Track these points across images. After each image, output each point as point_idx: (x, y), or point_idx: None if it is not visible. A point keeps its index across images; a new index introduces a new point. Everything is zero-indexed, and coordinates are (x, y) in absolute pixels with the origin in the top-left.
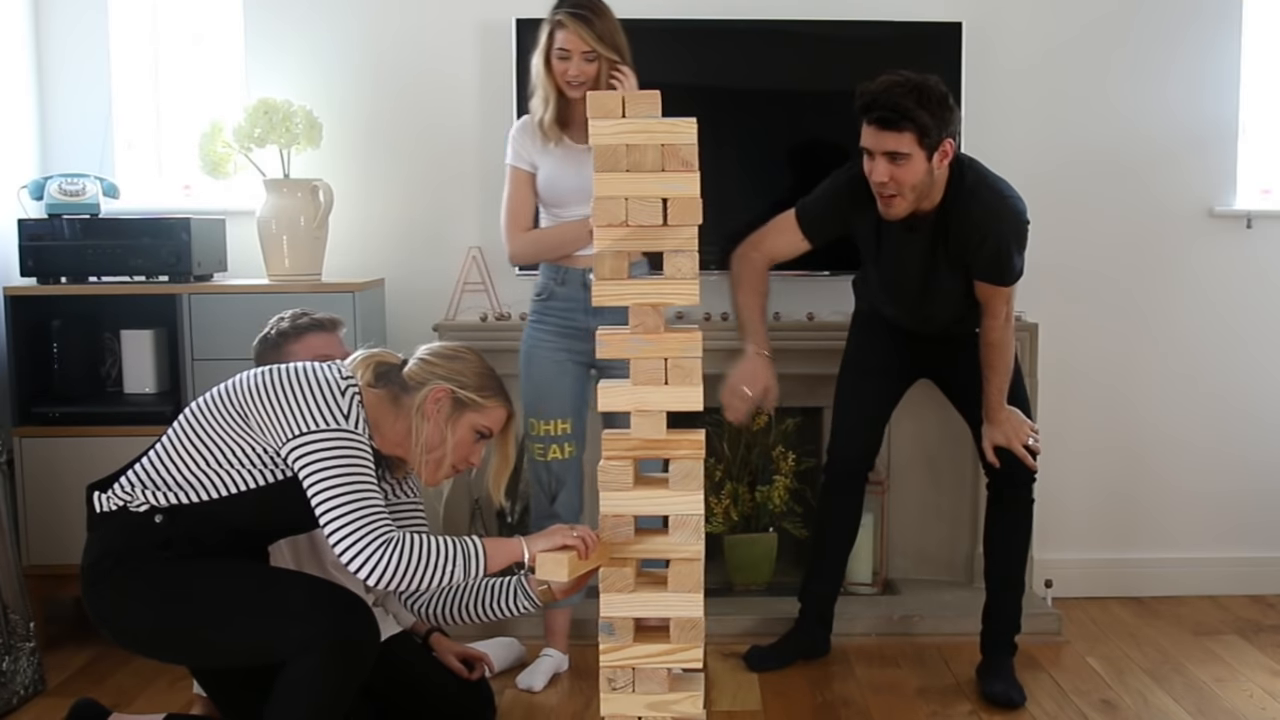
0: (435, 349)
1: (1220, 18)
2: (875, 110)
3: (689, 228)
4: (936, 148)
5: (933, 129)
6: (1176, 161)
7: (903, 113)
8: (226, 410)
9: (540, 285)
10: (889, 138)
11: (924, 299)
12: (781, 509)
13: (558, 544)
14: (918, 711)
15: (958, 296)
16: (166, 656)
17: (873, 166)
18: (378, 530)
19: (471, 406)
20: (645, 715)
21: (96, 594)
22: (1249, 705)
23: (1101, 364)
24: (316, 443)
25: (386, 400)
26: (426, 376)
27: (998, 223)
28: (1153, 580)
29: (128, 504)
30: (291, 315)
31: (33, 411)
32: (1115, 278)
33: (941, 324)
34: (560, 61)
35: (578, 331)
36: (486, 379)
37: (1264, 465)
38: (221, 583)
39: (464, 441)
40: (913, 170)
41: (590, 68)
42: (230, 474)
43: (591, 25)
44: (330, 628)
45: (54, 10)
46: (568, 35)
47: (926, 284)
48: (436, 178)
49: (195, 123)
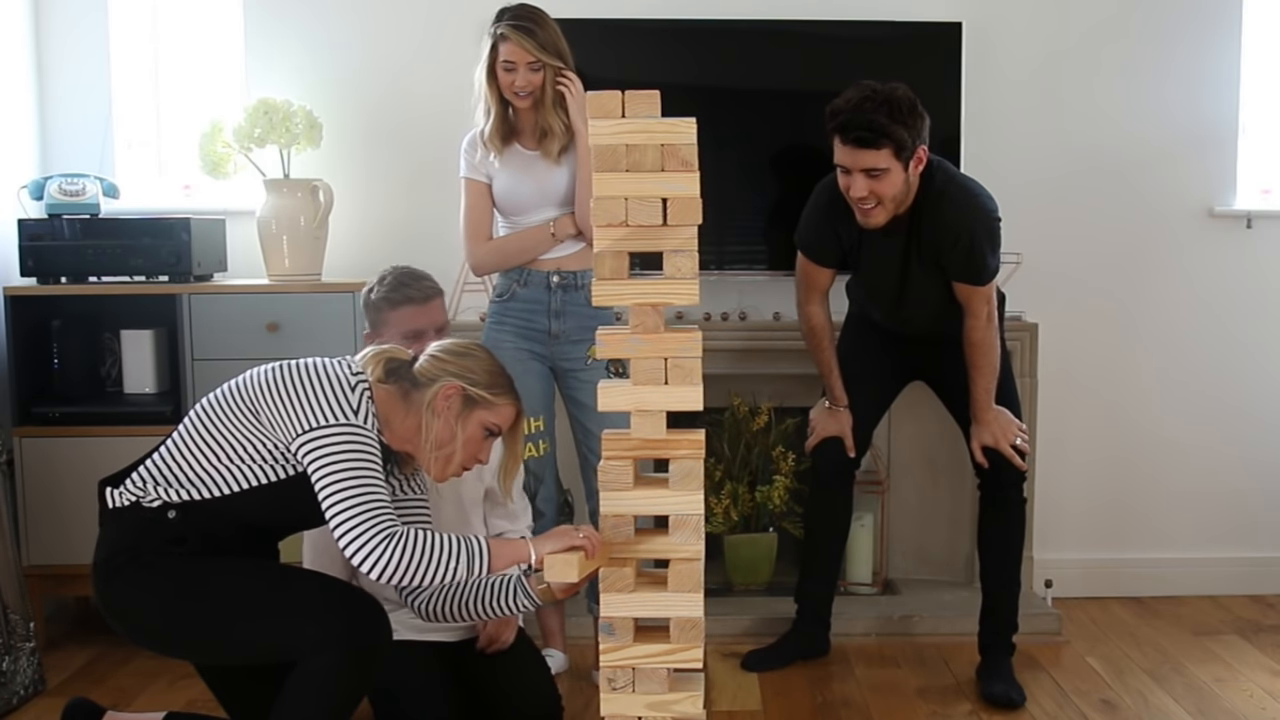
0: (446, 345)
1: (1220, 18)
2: (851, 130)
3: (689, 228)
4: (911, 157)
5: (908, 141)
6: (1176, 161)
7: (879, 130)
8: (238, 406)
9: (501, 287)
10: (866, 155)
11: (902, 300)
12: (781, 509)
13: (565, 545)
14: (918, 711)
15: (935, 296)
16: (179, 652)
17: (850, 182)
18: (382, 525)
19: (482, 404)
20: (645, 715)
21: (110, 589)
22: (1249, 705)
23: (1101, 364)
24: (325, 438)
25: (397, 396)
26: (437, 373)
27: (971, 222)
28: (1153, 580)
29: (140, 499)
30: (391, 282)
31: (33, 411)
32: (1115, 277)
33: (922, 325)
34: (506, 73)
35: (538, 334)
36: (497, 376)
37: (1264, 465)
38: (237, 580)
39: (474, 438)
40: (891, 183)
41: (536, 77)
42: (242, 470)
43: (535, 36)
44: (346, 628)
45: (54, 10)
46: (512, 47)
47: (904, 285)
48: (436, 178)
49: (195, 123)
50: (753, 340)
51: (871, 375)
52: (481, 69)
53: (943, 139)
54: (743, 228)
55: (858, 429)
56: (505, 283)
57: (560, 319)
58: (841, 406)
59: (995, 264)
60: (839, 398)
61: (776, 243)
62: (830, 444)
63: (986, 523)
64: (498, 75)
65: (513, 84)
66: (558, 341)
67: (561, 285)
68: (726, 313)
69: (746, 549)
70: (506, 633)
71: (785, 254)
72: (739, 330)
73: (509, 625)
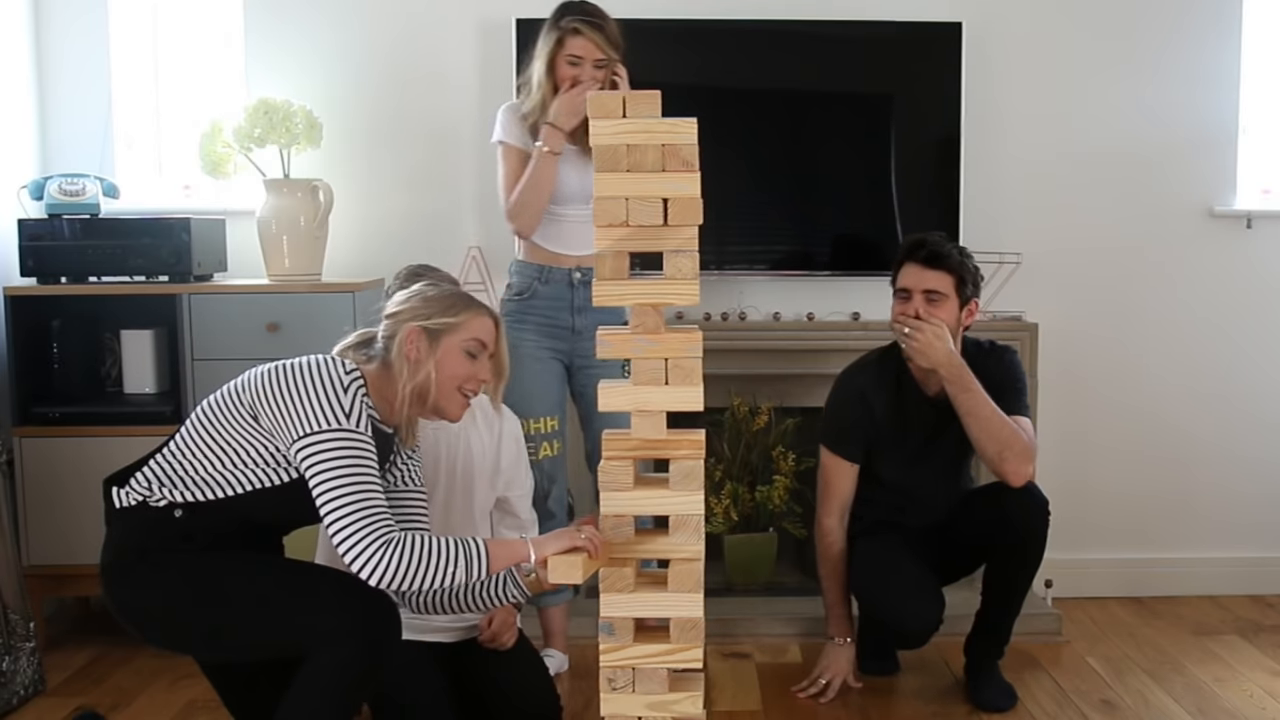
0: (395, 298)
1: (1220, 18)
2: (922, 249)
3: (689, 228)
4: (967, 302)
5: (968, 281)
6: (1176, 161)
7: (947, 255)
8: (238, 410)
9: (520, 284)
10: (931, 276)
11: (941, 471)
12: (781, 509)
13: (567, 545)
14: (918, 711)
15: (955, 461)
16: (193, 649)
17: (907, 306)
18: (380, 530)
19: (446, 330)
20: (645, 715)
21: (121, 587)
22: (1249, 705)
23: (1101, 364)
24: (321, 443)
25: (382, 371)
26: (394, 327)
27: (1008, 354)
28: (1153, 580)
29: (147, 499)
30: (405, 276)
31: (33, 411)
32: (1115, 277)
33: (944, 498)
34: (570, 67)
35: (561, 330)
36: (450, 299)
37: (1264, 465)
38: (250, 574)
39: (452, 364)
40: (946, 311)
41: (600, 73)
42: (246, 474)
43: (604, 31)
44: (362, 619)
45: (54, 10)
46: (583, 43)
47: (942, 450)
48: (436, 178)
49: (195, 123)
50: (753, 340)
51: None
52: (542, 60)
53: (943, 139)
54: (743, 228)
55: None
56: (526, 280)
57: (583, 314)
58: (849, 640)
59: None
60: (846, 629)
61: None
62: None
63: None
64: (557, 67)
65: (576, 77)
66: (580, 338)
67: (584, 281)
68: (726, 313)
69: (746, 549)
70: (506, 635)
71: (785, 254)
72: (739, 330)
73: (509, 628)
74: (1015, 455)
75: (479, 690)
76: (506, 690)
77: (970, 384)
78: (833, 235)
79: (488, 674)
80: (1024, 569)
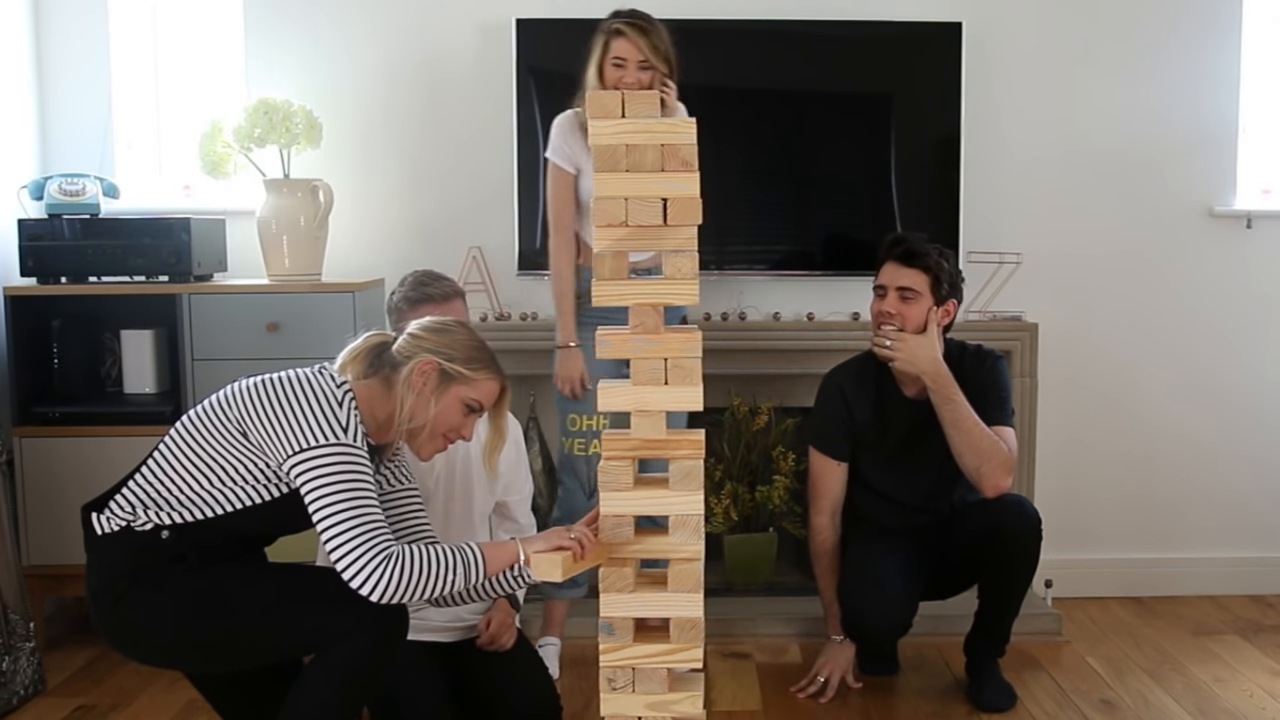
0: (425, 324)
1: (1220, 18)
2: (899, 246)
3: (689, 228)
4: (943, 302)
5: (944, 281)
6: (1176, 161)
7: (923, 254)
8: (224, 425)
9: (580, 288)
10: (906, 273)
11: (934, 463)
12: (781, 509)
13: (553, 545)
14: (918, 711)
15: (935, 460)
16: (198, 664)
17: (882, 302)
18: (378, 546)
19: (459, 379)
20: (645, 715)
21: (115, 616)
22: (1249, 705)
23: (1101, 364)
24: (317, 459)
25: (379, 387)
26: (414, 350)
27: (995, 361)
28: (1153, 580)
29: (131, 523)
30: (411, 282)
31: (33, 411)
32: (1115, 277)
33: (939, 492)
34: (615, 69)
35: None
36: (476, 351)
37: (1264, 465)
38: (254, 582)
39: (449, 412)
40: (918, 309)
41: (645, 76)
42: (235, 491)
43: (648, 35)
44: (374, 615)
45: (54, 10)
46: (625, 44)
47: (921, 449)
48: (436, 177)
49: (195, 123)
50: (753, 340)
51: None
52: (593, 65)
53: (942, 139)
54: (743, 228)
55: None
56: (584, 284)
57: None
58: (846, 637)
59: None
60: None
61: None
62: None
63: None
64: (605, 72)
65: (620, 80)
66: None
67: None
68: (726, 313)
69: (746, 549)
70: (505, 636)
71: (785, 254)
72: (739, 330)
73: (508, 629)
74: (993, 468)
75: (478, 690)
76: (506, 691)
77: (954, 395)
78: (832, 235)
79: (487, 674)
80: (1017, 582)
